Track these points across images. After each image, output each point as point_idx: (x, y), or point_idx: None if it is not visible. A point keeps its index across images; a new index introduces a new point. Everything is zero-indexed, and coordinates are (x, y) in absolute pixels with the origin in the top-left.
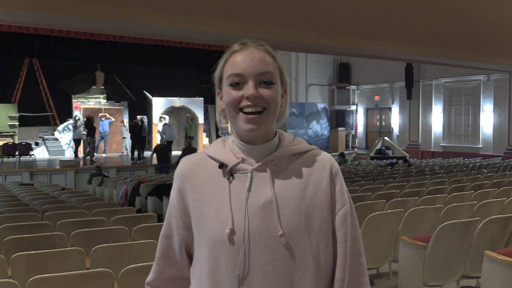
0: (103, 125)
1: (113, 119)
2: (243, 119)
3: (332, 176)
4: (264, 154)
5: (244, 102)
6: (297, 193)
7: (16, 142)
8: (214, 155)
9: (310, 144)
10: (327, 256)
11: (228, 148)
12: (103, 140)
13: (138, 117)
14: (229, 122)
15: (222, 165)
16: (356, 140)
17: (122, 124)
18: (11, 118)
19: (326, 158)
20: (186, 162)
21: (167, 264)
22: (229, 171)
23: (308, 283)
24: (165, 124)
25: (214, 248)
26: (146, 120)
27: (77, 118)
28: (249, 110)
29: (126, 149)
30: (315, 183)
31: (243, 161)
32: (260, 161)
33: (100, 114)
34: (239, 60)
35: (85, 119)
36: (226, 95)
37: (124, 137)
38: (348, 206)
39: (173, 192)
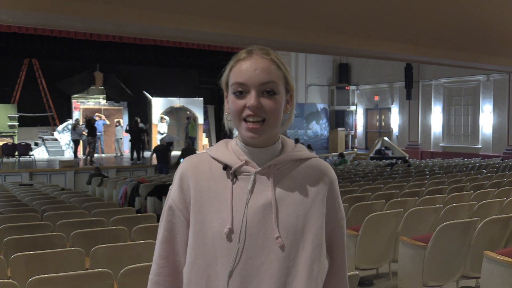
0: (98, 125)
1: (108, 122)
2: (244, 127)
3: (329, 187)
4: (267, 158)
5: (246, 112)
6: (297, 198)
7: (16, 142)
8: (217, 156)
9: (310, 145)
10: (321, 265)
11: (231, 150)
12: (99, 141)
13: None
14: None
15: (226, 167)
16: (356, 140)
17: (118, 124)
18: (11, 118)
19: (325, 168)
20: (189, 161)
21: (171, 272)
22: (233, 173)
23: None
24: (165, 133)
25: (212, 246)
26: (142, 124)
27: (77, 121)
28: (251, 119)
29: (120, 150)
30: (313, 191)
31: (246, 163)
32: (263, 164)
33: (96, 114)
34: (243, 69)
35: (85, 119)
36: (230, 103)
37: (120, 138)
38: (344, 222)
39: (175, 192)
